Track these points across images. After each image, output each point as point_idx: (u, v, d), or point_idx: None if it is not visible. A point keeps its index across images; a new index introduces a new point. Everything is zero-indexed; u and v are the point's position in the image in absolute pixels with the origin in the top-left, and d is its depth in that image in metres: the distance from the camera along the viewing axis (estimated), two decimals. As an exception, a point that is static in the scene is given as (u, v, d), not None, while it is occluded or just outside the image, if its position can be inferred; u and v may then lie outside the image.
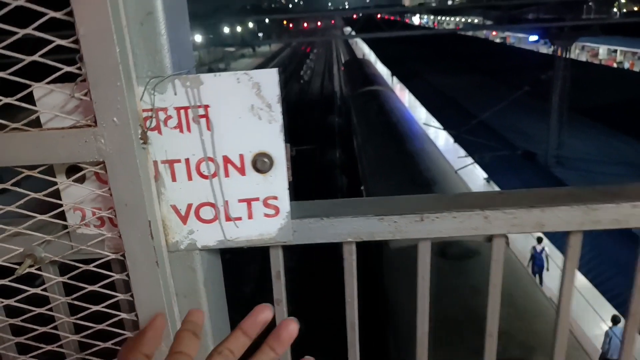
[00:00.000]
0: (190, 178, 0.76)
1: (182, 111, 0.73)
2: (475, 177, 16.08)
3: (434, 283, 0.88)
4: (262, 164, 0.75)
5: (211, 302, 0.84)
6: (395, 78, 32.55)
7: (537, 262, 11.66)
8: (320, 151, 22.43)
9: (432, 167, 10.65)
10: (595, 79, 26.18)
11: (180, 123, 0.73)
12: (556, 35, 13.47)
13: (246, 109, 0.73)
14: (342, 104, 30.25)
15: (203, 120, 0.73)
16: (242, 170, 0.76)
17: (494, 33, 53.57)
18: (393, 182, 10.13)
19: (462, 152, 14.93)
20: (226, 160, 0.75)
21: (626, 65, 37.46)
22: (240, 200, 0.78)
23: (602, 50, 41.15)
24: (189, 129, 0.74)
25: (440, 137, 19.31)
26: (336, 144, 23.92)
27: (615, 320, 9.01)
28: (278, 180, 0.77)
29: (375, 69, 30.55)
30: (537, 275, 11.60)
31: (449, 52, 39.92)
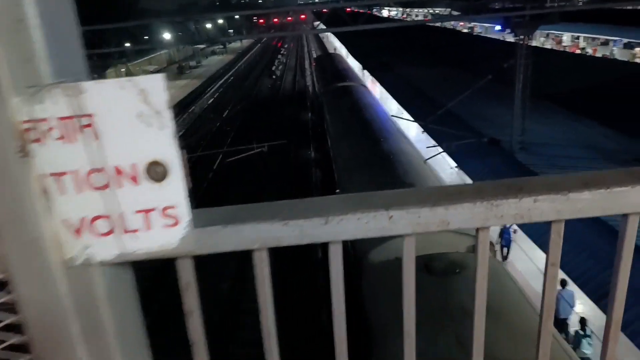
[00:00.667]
0: (80, 190, 0.73)
1: (65, 121, 0.69)
2: (446, 165, 16.30)
3: (417, 303, 0.85)
4: (155, 172, 0.72)
5: (117, 318, 0.81)
6: (366, 72, 32.61)
7: (505, 235, 12.58)
8: (293, 146, 22.39)
9: (402, 159, 10.74)
10: (560, 65, 26.77)
11: (65, 134, 0.70)
12: (517, 24, 13.72)
13: (134, 116, 0.70)
14: (315, 98, 30.20)
15: (88, 130, 0.70)
16: (135, 180, 0.73)
17: (461, 24, 54.23)
18: (365, 176, 10.19)
19: (432, 141, 15.10)
20: (118, 170, 0.72)
21: (589, 51, 38.45)
22: (137, 211, 0.75)
23: (566, 37, 42.13)
24: (74, 140, 0.70)
25: (410, 128, 19.48)
26: (310, 139, 23.91)
27: (562, 283, 9.71)
28: (175, 189, 0.74)
29: (347, 63, 30.50)
30: (505, 249, 12.59)
31: (418, 44, 40.22)
